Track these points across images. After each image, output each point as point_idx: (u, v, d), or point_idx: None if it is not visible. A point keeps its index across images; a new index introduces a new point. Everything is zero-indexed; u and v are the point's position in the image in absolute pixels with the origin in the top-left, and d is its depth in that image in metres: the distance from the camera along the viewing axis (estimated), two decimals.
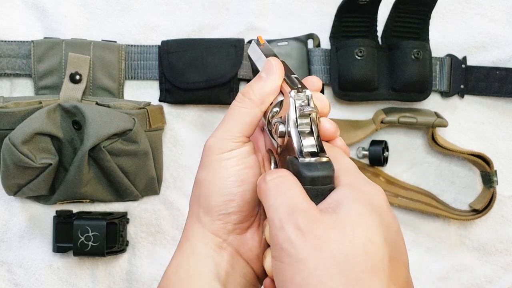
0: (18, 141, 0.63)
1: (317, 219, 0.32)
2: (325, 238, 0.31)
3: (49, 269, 0.73)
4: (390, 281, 0.31)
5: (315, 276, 0.31)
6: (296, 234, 0.32)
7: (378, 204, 0.34)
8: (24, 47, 0.72)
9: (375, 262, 0.31)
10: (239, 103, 0.42)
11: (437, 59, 0.76)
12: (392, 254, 0.32)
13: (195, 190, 0.42)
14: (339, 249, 0.31)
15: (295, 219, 0.32)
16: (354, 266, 0.30)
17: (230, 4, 0.76)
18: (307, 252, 0.31)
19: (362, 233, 0.31)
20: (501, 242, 0.77)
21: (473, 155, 0.74)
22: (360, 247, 0.31)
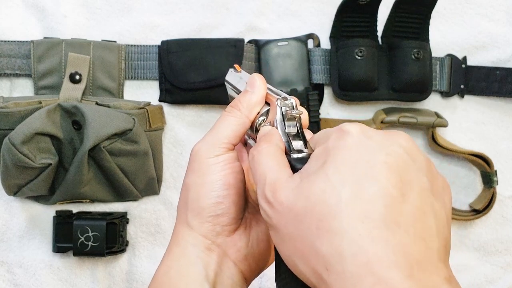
0: (18, 141, 0.63)
1: (280, 186, 0.35)
2: (286, 202, 0.34)
3: (49, 269, 0.73)
4: (355, 220, 0.31)
5: (286, 234, 0.34)
6: (266, 205, 0.36)
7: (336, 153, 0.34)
8: (24, 47, 0.72)
9: (331, 207, 0.32)
10: (228, 113, 0.45)
11: (437, 59, 0.76)
12: (353, 194, 0.31)
13: (183, 195, 0.44)
14: (298, 207, 0.33)
15: (263, 192, 0.36)
16: (312, 216, 0.32)
17: (230, 4, 0.76)
18: (276, 217, 0.35)
19: (315, 187, 0.33)
20: (501, 242, 0.77)
21: (473, 155, 0.74)
22: (313, 198, 0.33)
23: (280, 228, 0.35)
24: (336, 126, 0.37)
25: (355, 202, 0.31)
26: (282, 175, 0.36)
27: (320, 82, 0.75)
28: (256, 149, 0.39)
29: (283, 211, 0.34)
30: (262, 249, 0.45)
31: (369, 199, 0.31)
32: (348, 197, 0.31)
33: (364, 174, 0.32)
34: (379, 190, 0.32)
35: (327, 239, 0.31)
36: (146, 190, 0.73)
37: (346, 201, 0.31)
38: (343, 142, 0.34)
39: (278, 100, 0.41)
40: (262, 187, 0.36)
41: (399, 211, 0.31)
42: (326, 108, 0.76)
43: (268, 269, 0.76)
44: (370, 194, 0.31)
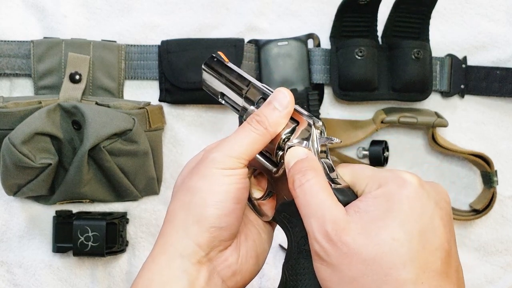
0: (18, 141, 0.63)
1: (344, 227, 0.36)
2: (353, 244, 0.35)
3: (49, 269, 0.73)
4: (419, 270, 0.34)
5: (349, 276, 0.35)
6: (327, 244, 0.36)
7: (408, 193, 0.36)
8: (24, 47, 0.72)
9: (401, 257, 0.34)
10: (254, 128, 0.42)
11: (438, 59, 0.76)
12: (419, 244, 0.35)
13: (183, 198, 0.42)
14: (367, 252, 0.35)
15: (325, 230, 0.36)
16: (382, 264, 0.34)
17: (230, 4, 0.76)
18: (339, 258, 0.35)
19: (386, 235, 0.35)
20: (501, 242, 0.77)
21: (474, 155, 0.74)
22: (385, 247, 0.34)
23: (342, 268, 0.35)
24: (388, 170, 0.39)
25: (421, 253, 0.34)
26: (340, 213, 0.37)
27: (320, 82, 0.75)
28: (304, 177, 0.39)
29: (348, 252, 0.35)
30: (250, 265, 0.44)
31: (430, 251, 0.35)
32: (416, 249, 0.34)
33: (426, 227, 0.35)
34: (438, 244, 0.35)
35: (395, 286, 0.34)
36: (146, 190, 0.73)
37: (414, 252, 0.34)
38: (406, 192, 0.36)
39: (313, 123, 0.41)
40: (321, 223, 0.36)
41: (449, 263, 0.36)
42: (326, 108, 0.76)
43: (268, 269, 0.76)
44: (432, 247, 0.35)
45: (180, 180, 0.45)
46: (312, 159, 0.40)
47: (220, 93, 0.47)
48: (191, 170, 0.44)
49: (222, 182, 0.41)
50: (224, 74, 0.46)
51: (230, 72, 0.46)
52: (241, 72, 0.46)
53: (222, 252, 0.42)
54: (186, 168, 0.46)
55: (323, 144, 0.42)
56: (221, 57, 0.47)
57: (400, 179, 0.37)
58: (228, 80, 0.46)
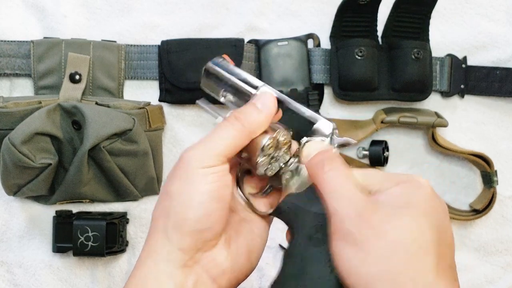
0: (18, 141, 0.63)
1: (374, 208, 0.37)
2: (381, 225, 0.37)
3: (49, 269, 0.73)
4: (439, 259, 0.36)
5: (374, 256, 0.36)
6: (360, 222, 0.37)
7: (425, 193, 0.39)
8: (24, 47, 0.72)
9: (424, 244, 0.36)
10: (231, 125, 0.42)
11: (437, 59, 0.76)
12: (438, 237, 0.37)
13: (163, 203, 0.41)
14: (394, 235, 0.36)
15: (357, 208, 0.37)
16: (407, 248, 0.36)
17: (230, 4, 0.76)
18: (367, 236, 0.36)
19: (412, 221, 0.37)
20: (501, 242, 0.77)
21: (474, 155, 0.74)
22: (410, 233, 0.36)
23: (367, 248, 0.36)
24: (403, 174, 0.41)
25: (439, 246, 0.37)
26: (367, 197, 0.39)
27: (320, 82, 0.75)
28: (332, 165, 0.40)
29: (376, 232, 0.37)
30: (242, 263, 0.43)
31: (445, 246, 0.38)
32: (436, 240, 0.37)
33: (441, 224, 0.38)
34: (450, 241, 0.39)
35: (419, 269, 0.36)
36: (146, 190, 0.73)
37: (434, 243, 0.37)
38: (422, 191, 0.39)
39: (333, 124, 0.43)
40: (354, 202, 0.38)
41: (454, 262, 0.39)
42: (326, 108, 0.76)
43: (268, 269, 0.76)
44: (446, 243, 0.38)
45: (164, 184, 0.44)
46: (334, 152, 0.42)
47: (221, 92, 0.47)
48: (170, 173, 0.43)
49: (200, 182, 0.40)
50: (232, 74, 0.47)
51: (238, 74, 0.47)
52: (249, 75, 0.47)
53: (208, 252, 0.42)
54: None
55: (340, 144, 0.43)
56: (227, 59, 0.48)
57: (415, 181, 0.39)
58: (236, 80, 0.46)
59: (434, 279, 0.36)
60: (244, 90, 0.46)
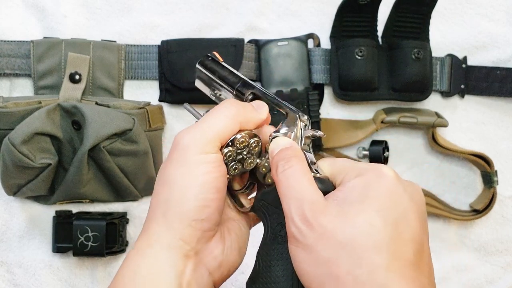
0: (18, 141, 0.63)
1: (322, 210, 0.37)
2: (329, 226, 0.36)
3: (49, 269, 0.73)
4: (392, 257, 0.35)
5: (323, 258, 0.35)
6: (304, 225, 0.36)
7: (385, 184, 0.37)
8: (24, 47, 0.72)
9: (376, 242, 0.35)
10: (227, 110, 0.42)
11: (438, 59, 0.76)
12: (395, 233, 0.36)
13: (164, 191, 0.41)
14: (343, 234, 0.35)
15: (302, 212, 0.37)
16: (357, 247, 0.35)
17: (230, 3, 0.76)
18: (315, 239, 0.36)
19: (362, 219, 0.36)
20: (501, 242, 0.77)
21: (474, 155, 0.74)
22: (361, 231, 0.35)
23: (317, 250, 0.36)
24: (366, 163, 0.40)
25: (395, 242, 0.35)
26: (319, 197, 0.38)
27: (320, 82, 0.75)
28: (287, 164, 0.39)
29: (324, 234, 0.36)
30: (234, 257, 0.44)
31: (404, 241, 0.36)
32: (390, 236, 0.35)
33: (401, 218, 0.36)
34: (411, 235, 0.36)
35: (368, 270, 0.34)
36: (146, 190, 0.73)
37: (388, 239, 0.35)
38: (383, 182, 0.37)
39: (299, 116, 0.43)
40: (300, 205, 0.37)
41: (421, 256, 0.36)
42: (326, 108, 0.76)
43: None
44: (406, 238, 0.36)
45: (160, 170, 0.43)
46: (296, 149, 0.41)
47: (211, 89, 0.48)
48: (166, 159, 0.42)
49: (198, 172, 0.40)
50: (218, 72, 0.48)
51: (223, 70, 0.48)
52: (234, 70, 0.48)
53: (207, 244, 0.42)
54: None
55: (307, 137, 0.43)
56: (216, 56, 0.49)
57: (378, 170, 0.38)
58: (220, 77, 0.48)
59: (384, 279, 0.34)
60: (228, 87, 0.47)
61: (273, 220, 0.41)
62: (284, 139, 0.42)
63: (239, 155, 0.44)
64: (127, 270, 0.40)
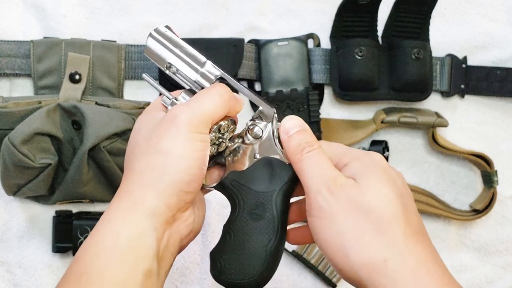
0: (18, 141, 0.63)
1: (343, 183, 0.42)
2: (350, 197, 0.41)
3: (49, 269, 0.73)
4: (406, 224, 0.41)
5: (346, 226, 0.41)
6: (329, 195, 0.42)
7: (381, 165, 0.43)
8: (24, 47, 0.72)
9: (392, 211, 0.41)
10: (222, 95, 0.45)
11: (438, 59, 0.76)
12: (403, 203, 0.41)
13: (156, 159, 0.43)
14: (362, 204, 0.41)
15: (329, 185, 0.42)
16: (376, 216, 0.40)
17: (230, 3, 0.76)
18: (338, 207, 0.41)
19: (378, 190, 0.41)
20: (502, 242, 0.77)
21: (474, 155, 0.74)
22: (378, 201, 0.41)
23: (339, 220, 0.41)
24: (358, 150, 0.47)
25: (405, 212, 0.41)
26: (339, 174, 0.43)
27: (320, 82, 0.75)
28: (312, 147, 0.45)
29: (347, 204, 0.41)
30: (200, 224, 0.47)
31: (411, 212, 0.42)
32: (401, 207, 0.41)
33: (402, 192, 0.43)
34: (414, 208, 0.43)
35: (387, 235, 0.40)
36: None
37: (400, 209, 0.41)
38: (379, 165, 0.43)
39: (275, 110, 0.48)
40: (326, 180, 0.43)
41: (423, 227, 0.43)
42: (326, 108, 0.76)
43: None
44: (411, 209, 0.42)
45: (142, 139, 0.45)
46: (310, 131, 0.46)
47: (168, 63, 0.48)
48: (157, 129, 0.44)
49: (194, 148, 0.43)
50: (179, 46, 0.48)
51: (183, 46, 0.49)
52: (194, 50, 0.49)
53: (184, 213, 0.45)
54: (144, 125, 0.46)
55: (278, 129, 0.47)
56: (172, 30, 0.49)
57: (371, 155, 0.44)
58: (183, 53, 0.48)
59: (403, 243, 0.40)
60: (189, 65, 0.48)
61: (246, 200, 0.46)
62: (297, 119, 0.46)
63: (218, 139, 0.47)
64: (108, 231, 0.41)
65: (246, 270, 0.44)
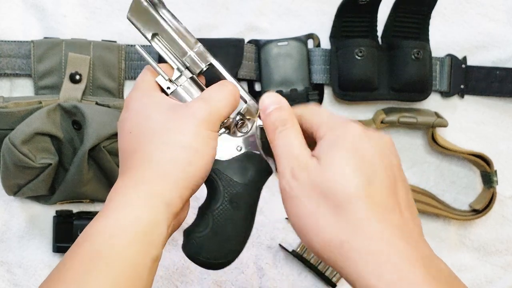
0: (18, 141, 0.63)
1: (305, 165, 0.42)
2: (311, 179, 0.41)
3: (49, 269, 0.73)
4: (367, 203, 0.39)
5: (307, 210, 0.41)
6: (291, 178, 0.42)
7: (349, 139, 0.41)
8: (24, 47, 0.72)
9: (350, 190, 0.39)
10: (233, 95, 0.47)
11: (437, 59, 0.76)
12: (366, 180, 0.40)
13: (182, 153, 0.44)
14: (322, 186, 0.40)
15: (291, 167, 0.42)
16: (335, 195, 0.39)
17: (230, 3, 0.76)
18: (299, 191, 0.41)
19: (335, 169, 0.40)
20: (501, 242, 0.77)
21: (473, 155, 0.74)
22: (335, 181, 0.40)
23: (303, 201, 0.41)
24: (340, 117, 0.44)
25: (366, 188, 0.39)
26: (305, 155, 0.42)
27: (320, 82, 0.75)
28: (284, 126, 0.44)
29: (307, 186, 0.41)
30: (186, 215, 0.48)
31: (375, 188, 0.40)
32: (362, 185, 0.39)
33: (368, 168, 0.40)
34: (381, 183, 0.40)
35: (346, 216, 0.39)
36: None
37: (361, 188, 0.39)
38: (349, 136, 0.42)
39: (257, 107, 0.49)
40: (289, 162, 0.42)
41: (397, 202, 0.40)
42: (326, 108, 0.76)
43: (268, 269, 0.76)
44: (376, 185, 0.40)
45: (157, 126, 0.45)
46: (288, 108, 0.46)
47: (154, 34, 0.48)
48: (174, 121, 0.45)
49: (211, 145, 0.45)
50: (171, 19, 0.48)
51: (178, 23, 0.48)
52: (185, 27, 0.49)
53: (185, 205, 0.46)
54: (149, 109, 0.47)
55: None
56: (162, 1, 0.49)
57: (345, 125, 0.43)
58: (175, 27, 0.48)
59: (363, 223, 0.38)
60: (180, 44, 0.49)
61: (228, 189, 0.47)
62: (275, 96, 0.46)
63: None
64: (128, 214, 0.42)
65: (223, 253, 0.47)
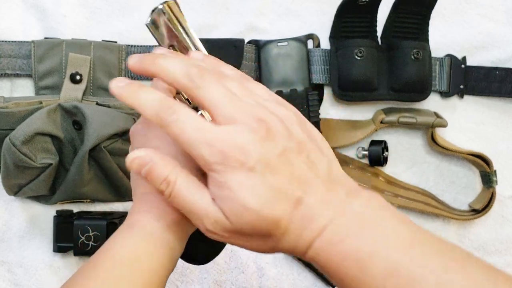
0: (19, 141, 0.63)
1: (215, 220, 0.40)
2: (226, 228, 0.39)
3: (50, 269, 0.73)
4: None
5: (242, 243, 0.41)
6: (210, 233, 0.40)
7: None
8: (25, 47, 0.72)
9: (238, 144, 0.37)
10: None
11: (437, 59, 0.76)
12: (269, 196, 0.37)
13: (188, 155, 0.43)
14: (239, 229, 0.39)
15: (204, 225, 0.40)
16: (256, 229, 0.38)
17: (230, 3, 0.77)
18: (225, 238, 0.40)
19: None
20: (501, 242, 0.77)
21: (473, 155, 0.75)
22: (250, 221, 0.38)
23: (235, 241, 0.40)
24: None
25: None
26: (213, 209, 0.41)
27: (320, 82, 0.75)
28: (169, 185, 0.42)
29: (227, 234, 0.40)
30: None
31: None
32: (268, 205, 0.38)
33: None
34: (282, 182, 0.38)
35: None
36: None
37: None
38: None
39: None
40: (200, 221, 0.41)
41: (287, 160, 0.38)
42: (326, 108, 0.77)
43: (268, 269, 0.76)
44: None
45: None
46: (163, 162, 0.44)
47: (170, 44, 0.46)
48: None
49: None
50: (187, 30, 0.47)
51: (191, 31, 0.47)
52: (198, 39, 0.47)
53: None
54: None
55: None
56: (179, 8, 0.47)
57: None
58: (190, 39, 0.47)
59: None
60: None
61: None
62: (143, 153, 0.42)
63: None
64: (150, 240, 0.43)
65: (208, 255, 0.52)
